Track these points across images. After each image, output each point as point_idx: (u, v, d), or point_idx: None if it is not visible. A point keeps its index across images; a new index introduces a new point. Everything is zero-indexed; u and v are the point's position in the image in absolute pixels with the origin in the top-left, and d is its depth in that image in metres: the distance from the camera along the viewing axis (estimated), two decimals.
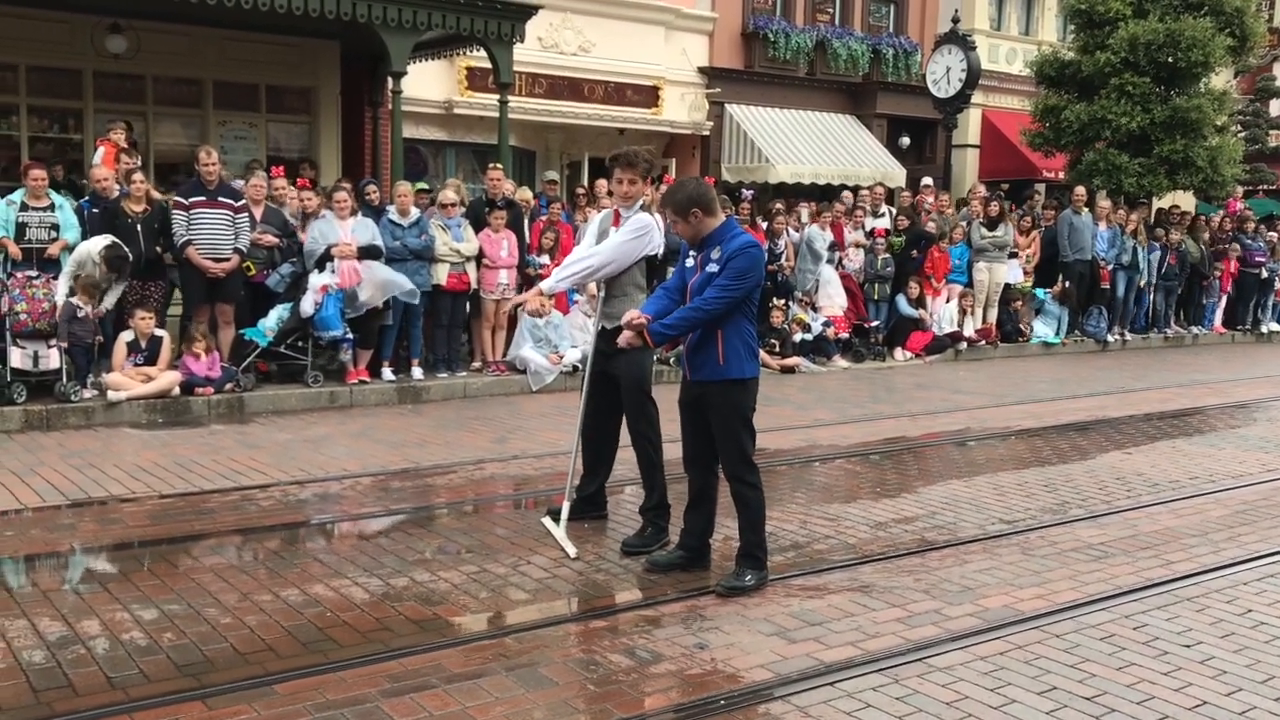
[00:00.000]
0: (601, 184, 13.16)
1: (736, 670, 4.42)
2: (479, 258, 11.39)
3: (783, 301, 13.46)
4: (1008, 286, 15.73)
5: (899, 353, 14.46)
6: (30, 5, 11.69)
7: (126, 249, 9.59)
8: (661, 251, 6.17)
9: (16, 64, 13.21)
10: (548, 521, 6.23)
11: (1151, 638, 4.87)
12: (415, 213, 11.04)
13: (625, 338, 5.42)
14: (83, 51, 13.52)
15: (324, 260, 10.27)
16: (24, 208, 9.66)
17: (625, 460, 6.47)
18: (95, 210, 10.11)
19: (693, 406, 5.47)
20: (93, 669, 4.28)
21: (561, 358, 11.42)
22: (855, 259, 14.43)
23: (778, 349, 13.21)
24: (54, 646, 4.48)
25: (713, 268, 5.28)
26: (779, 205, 14.38)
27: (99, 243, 9.50)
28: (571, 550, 5.84)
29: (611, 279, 6.09)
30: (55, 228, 9.74)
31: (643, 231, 5.99)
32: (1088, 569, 5.82)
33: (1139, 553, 6.14)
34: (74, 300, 9.28)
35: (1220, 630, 4.99)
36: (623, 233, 6.01)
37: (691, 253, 5.47)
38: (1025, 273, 15.94)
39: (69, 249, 9.64)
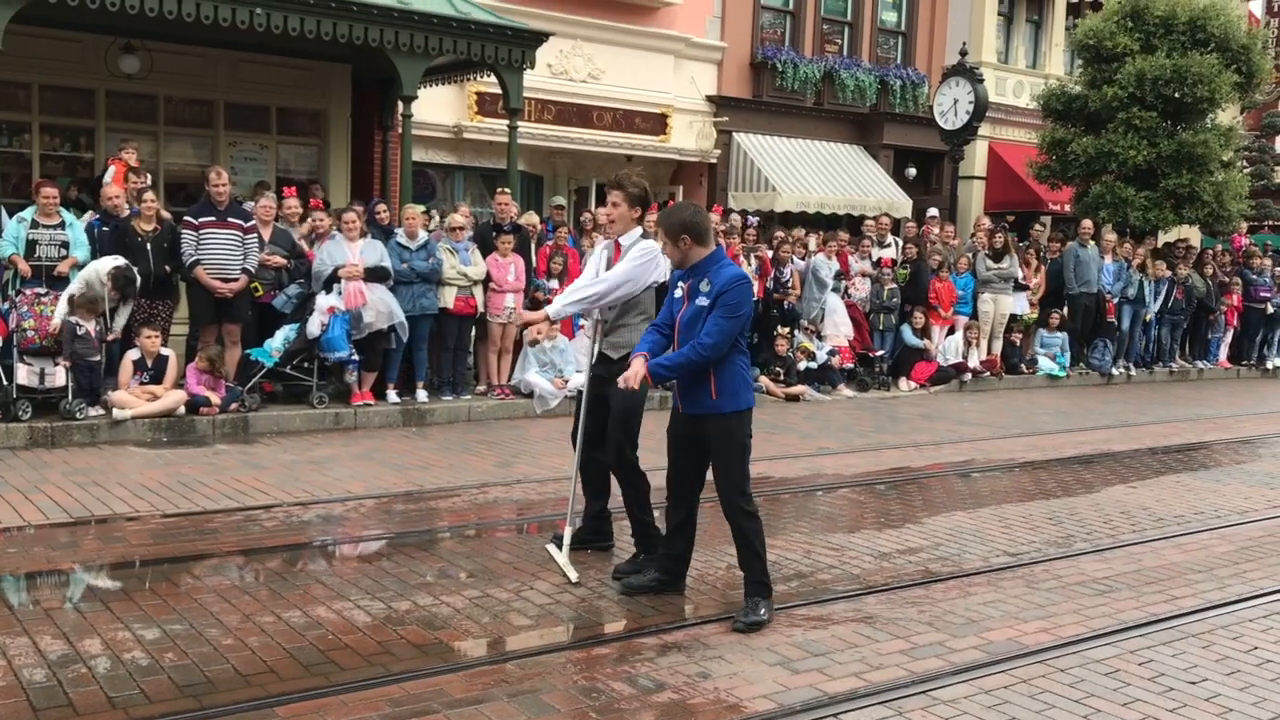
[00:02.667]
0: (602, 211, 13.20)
1: (739, 700, 4.40)
2: (486, 281, 11.42)
3: (787, 330, 13.47)
4: (1012, 318, 15.74)
5: (904, 383, 14.46)
6: (45, 25, 11.76)
7: (135, 270, 9.62)
8: (668, 278, 6.15)
9: (30, 83, 13.28)
10: (551, 548, 6.21)
11: (1157, 674, 4.85)
12: (423, 236, 11.08)
13: (627, 378, 5.29)
14: (96, 71, 13.61)
15: (331, 282, 10.31)
16: (34, 225, 9.71)
17: None
18: (106, 229, 10.16)
19: (684, 438, 5.44)
20: (93, 688, 4.27)
21: (566, 382, 11.42)
22: (861, 288, 14.45)
23: (782, 377, 13.21)
24: (55, 665, 4.47)
25: (702, 300, 5.24)
26: (780, 234, 14.41)
27: (107, 263, 9.53)
28: (574, 575, 5.82)
29: (617, 307, 6.07)
30: (65, 245, 9.79)
31: (647, 258, 5.96)
32: (1092, 603, 5.79)
33: (1144, 587, 6.12)
34: (72, 319, 9.28)
35: (1226, 667, 4.96)
36: (628, 260, 5.97)
37: (680, 283, 5.43)
38: (1031, 305, 15.96)
39: (78, 267, 9.68)
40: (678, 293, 5.43)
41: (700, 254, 5.34)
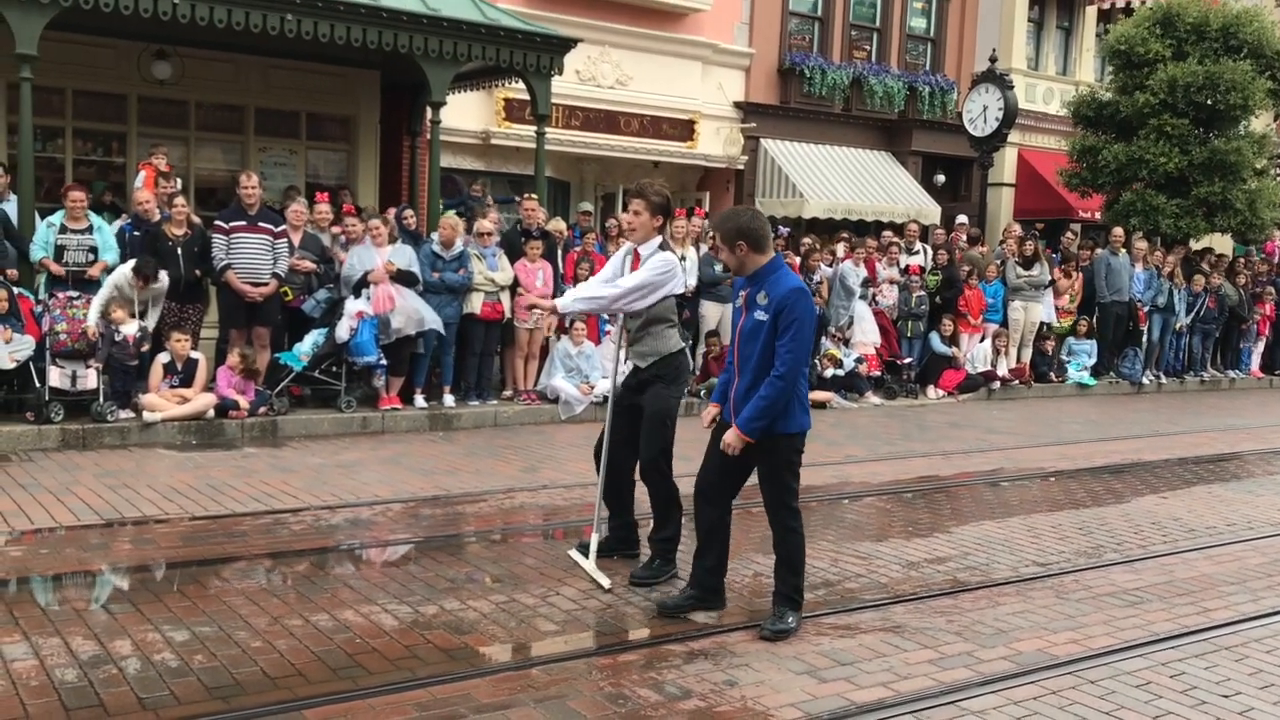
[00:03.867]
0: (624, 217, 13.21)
1: (766, 709, 4.38)
2: (513, 287, 11.44)
3: None
4: (1047, 327, 15.64)
5: (931, 390, 14.38)
6: (79, 31, 11.89)
7: (155, 263, 9.66)
8: (693, 287, 6.13)
9: (64, 88, 13.42)
10: (576, 554, 6.21)
11: (1189, 686, 4.79)
12: (459, 246, 11.08)
13: (730, 446, 5.19)
14: (128, 76, 13.74)
15: (360, 286, 10.36)
16: (63, 230, 9.81)
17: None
18: (137, 233, 10.25)
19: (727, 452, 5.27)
20: (124, 689, 4.30)
21: (593, 388, 11.43)
22: (889, 295, 14.40)
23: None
24: (86, 665, 4.50)
25: (760, 315, 5.14)
26: (808, 240, 14.38)
27: (131, 264, 9.63)
28: (605, 581, 5.82)
29: (639, 317, 6.02)
30: (94, 250, 9.88)
31: (664, 270, 5.91)
32: (1123, 614, 5.73)
33: (1176, 599, 6.05)
34: (109, 322, 9.36)
35: (1260, 681, 4.90)
36: (645, 270, 5.90)
37: (740, 291, 5.34)
38: (1068, 313, 15.86)
39: (108, 270, 9.77)
40: (738, 301, 5.34)
41: (758, 262, 5.22)
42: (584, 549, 6.16)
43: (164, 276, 9.78)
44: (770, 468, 5.27)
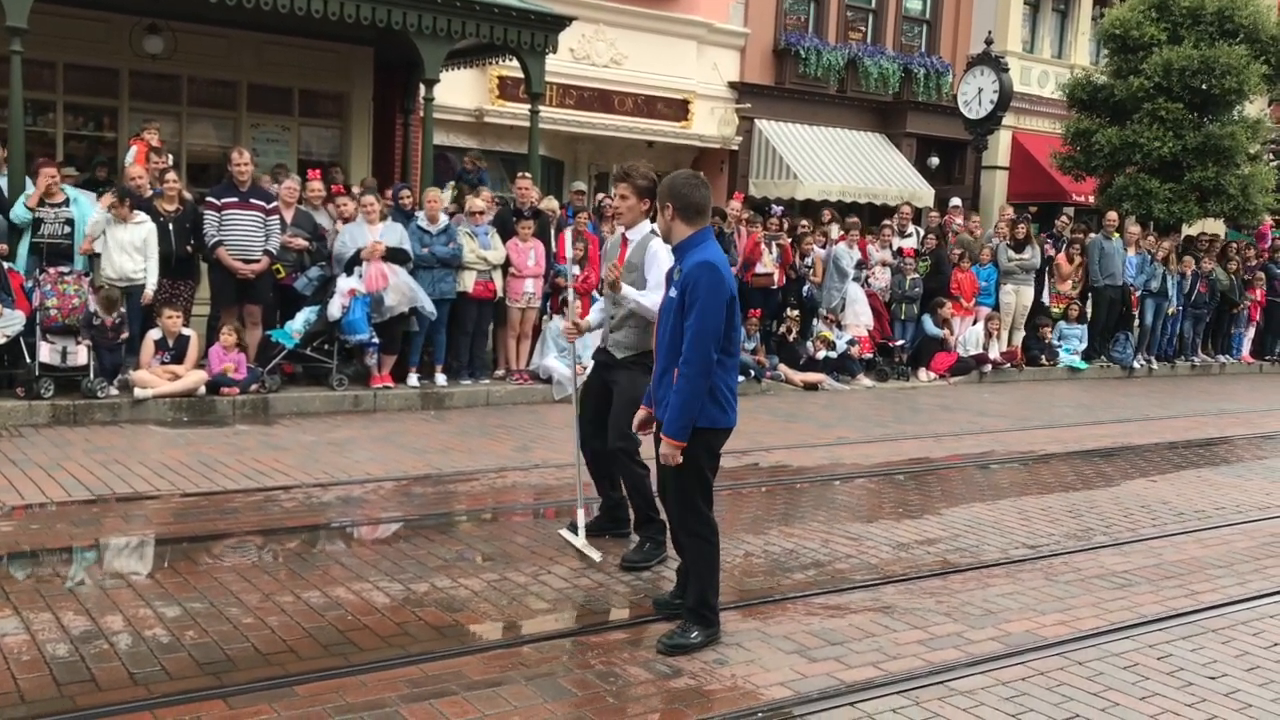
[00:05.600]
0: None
1: (756, 687, 4.40)
2: (505, 266, 11.42)
3: (795, 313, 13.42)
4: (1044, 311, 15.66)
5: (923, 373, 14.40)
6: (70, 4, 11.80)
7: (118, 293, 9.59)
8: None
9: (55, 61, 13.33)
10: (566, 533, 6.22)
11: (1176, 668, 4.82)
12: (444, 220, 11.08)
13: (667, 458, 4.70)
14: (120, 51, 13.65)
15: (352, 264, 10.33)
16: (40, 203, 9.75)
17: None
18: None
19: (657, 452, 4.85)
20: (115, 664, 4.30)
21: (585, 369, 11.40)
22: (881, 278, 14.39)
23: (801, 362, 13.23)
24: (77, 641, 4.51)
25: (673, 291, 4.74)
26: (805, 223, 14.36)
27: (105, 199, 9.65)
28: (596, 555, 5.84)
29: (621, 306, 5.92)
30: (70, 222, 9.82)
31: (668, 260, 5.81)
32: (1111, 596, 5.77)
33: (1163, 582, 6.08)
34: (92, 310, 9.34)
35: (1246, 663, 4.94)
36: (651, 289, 5.73)
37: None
38: (1066, 298, 15.87)
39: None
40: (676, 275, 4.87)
41: (683, 232, 4.78)
42: (574, 528, 6.18)
43: (143, 217, 9.76)
44: (676, 470, 4.71)
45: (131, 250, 9.69)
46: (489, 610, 5.14)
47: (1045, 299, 16.03)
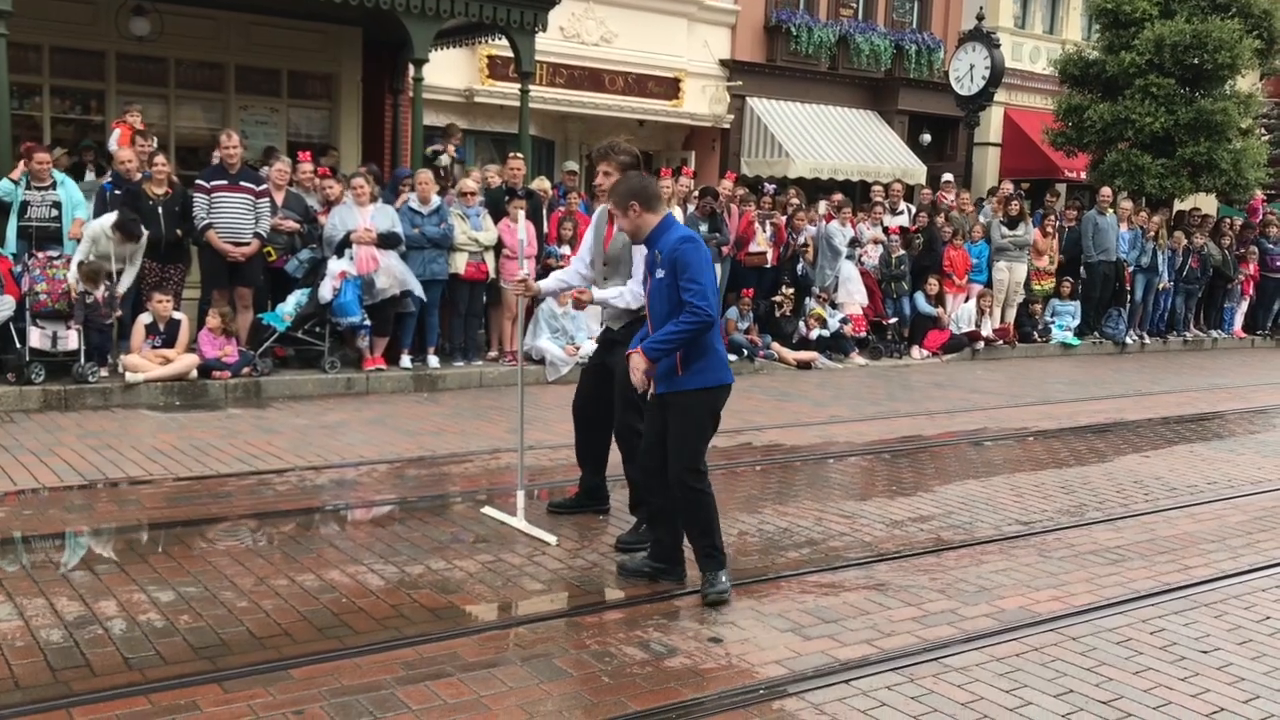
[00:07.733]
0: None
1: (751, 665, 4.41)
2: (497, 247, 11.38)
3: (790, 291, 13.39)
4: (1030, 289, 15.64)
5: (916, 351, 14.41)
6: None
7: (136, 214, 9.57)
8: None
9: (40, 44, 13.23)
10: (499, 514, 6.26)
11: (1169, 643, 4.84)
12: (436, 201, 11.03)
13: (636, 379, 5.09)
14: (106, 33, 13.55)
15: (343, 246, 10.29)
16: (28, 185, 9.69)
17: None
18: (118, 192, 10.14)
19: (657, 415, 5.21)
20: (110, 649, 4.30)
21: (578, 349, 11.41)
22: (873, 255, 14.38)
23: (793, 341, 13.22)
24: (71, 626, 4.50)
25: (660, 273, 5.07)
26: (795, 201, 14.33)
27: (110, 217, 9.52)
28: (552, 539, 5.86)
29: (612, 279, 5.98)
30: (57, 205, 9.77)
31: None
32: (1104, 572, 5.79)
33: (1156, 557, 6.11)
34: (81, 288, 9.28)
35: (1238, 637, 4.96)
36: (637, 277, 5.75)
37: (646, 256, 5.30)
38: (1047, 274, 15.82)
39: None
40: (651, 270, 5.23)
41: (651, 222, 5.20)
42: (556, 507, 6.31)
43: (144, 232, 9.69)
44: (680, 427, 5.07)
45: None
46: (484, 592, 5.14)
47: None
